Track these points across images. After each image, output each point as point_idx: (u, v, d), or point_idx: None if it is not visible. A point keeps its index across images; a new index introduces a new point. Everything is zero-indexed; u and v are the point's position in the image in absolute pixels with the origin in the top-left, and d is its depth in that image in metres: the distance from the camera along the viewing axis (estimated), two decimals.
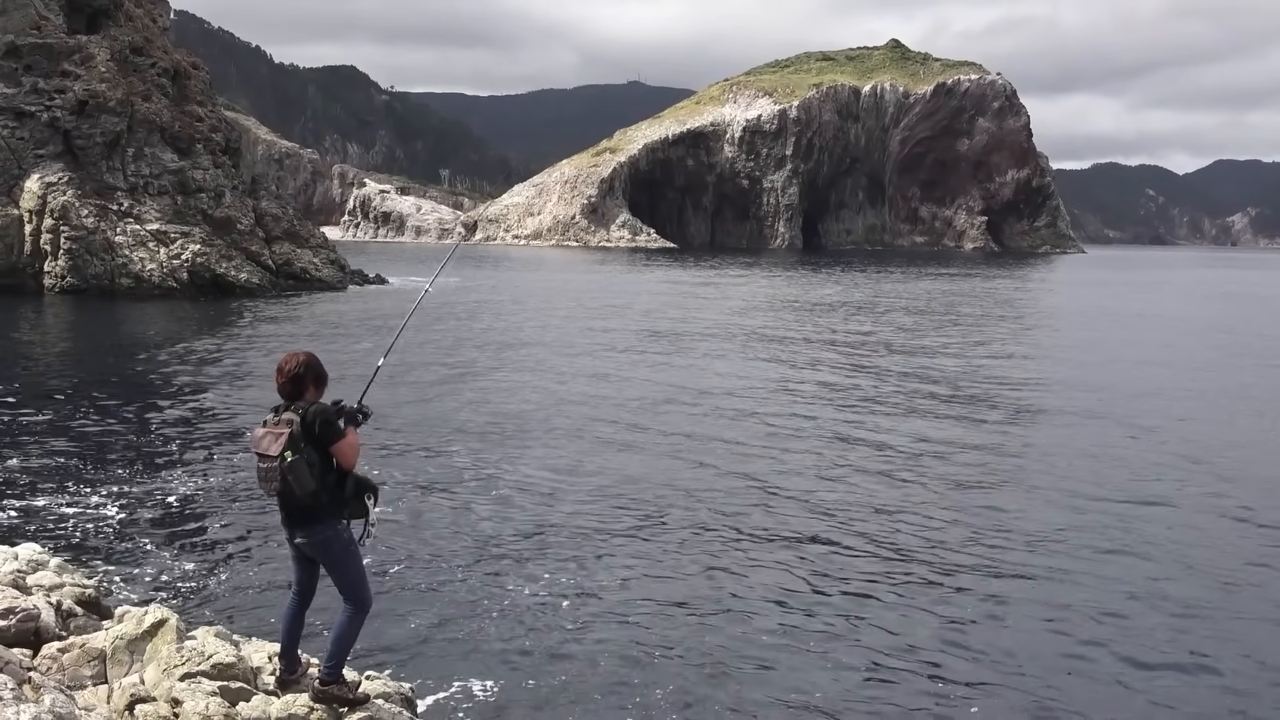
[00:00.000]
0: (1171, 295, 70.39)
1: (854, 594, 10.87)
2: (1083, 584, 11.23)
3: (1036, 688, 8.78)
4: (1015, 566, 11.78)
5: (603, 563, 11.66)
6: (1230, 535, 13.19)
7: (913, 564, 11.80)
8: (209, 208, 51.82)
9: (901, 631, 9.89)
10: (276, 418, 6.30)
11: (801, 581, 11.22)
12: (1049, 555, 12.18)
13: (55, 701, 5.53)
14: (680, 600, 10.58)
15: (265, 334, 34.00)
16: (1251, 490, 15.44)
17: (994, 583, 11.24)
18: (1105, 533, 13.09)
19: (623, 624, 9.93)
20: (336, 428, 6.28)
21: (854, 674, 9.01)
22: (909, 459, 17.05)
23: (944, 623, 10.11)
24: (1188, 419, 21.39)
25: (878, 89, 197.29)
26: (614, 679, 8.78)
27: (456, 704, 8.27)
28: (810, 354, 31.20)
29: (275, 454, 6.14)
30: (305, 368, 6.41)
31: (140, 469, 15.42)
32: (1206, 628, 10.15)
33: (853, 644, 9.61)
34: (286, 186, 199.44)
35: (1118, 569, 11.73)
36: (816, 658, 9.31)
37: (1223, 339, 39.11)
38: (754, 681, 8.81)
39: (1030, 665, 9.22)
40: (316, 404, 6.35)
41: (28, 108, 48.28)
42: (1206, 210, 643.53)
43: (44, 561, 7.98)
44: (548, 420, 19.96)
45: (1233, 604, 10.79)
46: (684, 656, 9.24)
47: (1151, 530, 13.27)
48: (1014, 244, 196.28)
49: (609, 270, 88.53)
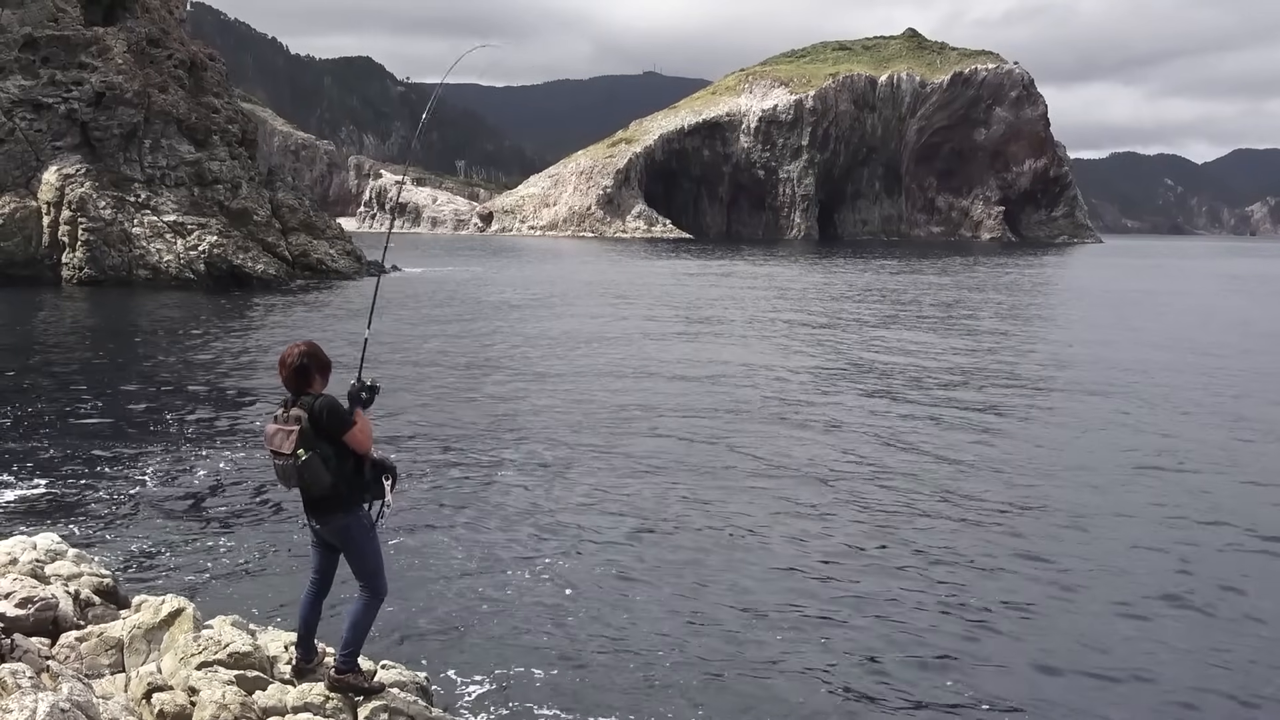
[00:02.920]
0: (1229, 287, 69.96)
1: (882, 588, 10.83)
2: (1126, 574, 11.17)
3: (1045, 683, 8.74)
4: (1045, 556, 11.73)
5: (624, 555, 11.63)
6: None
7: (931, 553, 11.77)
8: (225, 199, 51.99)
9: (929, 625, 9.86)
10: (286, 414, 6.26)
11: (828, 578, 11.18)
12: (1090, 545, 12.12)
13: (73, 690, 5.55)
14: (700, 593, 10.53)
15: (281, 324, 34.11)
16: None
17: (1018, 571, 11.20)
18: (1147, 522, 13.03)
19: (641, 617, 9.90)
20: (345, 418, 6.24)
21: (867, 668, 8.98)
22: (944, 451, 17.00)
23: (965, 615, 10.07)
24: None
25: (894, 79, 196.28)
26: (632, 669, 8.76)
27: (472, 693, 8.27)
28: (844, 344, 31.10)
29: (289, 452, 6.12)
30: (308, 358, 6.36)
31: (157, 459, 15.49)
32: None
33: (876, 638, 9.58)
34: (303, 178, 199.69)
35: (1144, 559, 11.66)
36: (842, 654, 9.28)
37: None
38: (768, 670, 8.78)
39: (1042, 657, 9.18)
40: (322, 396, 6.29)
41: (45, 100, 48.52)
42: (1225, 199, 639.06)
43: (62, 551, 8.00)
44: (570, 412, 19.93)
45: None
46: (701, 648, 9.20)
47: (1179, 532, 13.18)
48: (1031, 234, 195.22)
49: (630, 261, 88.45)
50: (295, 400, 6.31)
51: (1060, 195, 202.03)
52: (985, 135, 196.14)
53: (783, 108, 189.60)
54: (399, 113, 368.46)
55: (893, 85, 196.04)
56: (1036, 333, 36.29)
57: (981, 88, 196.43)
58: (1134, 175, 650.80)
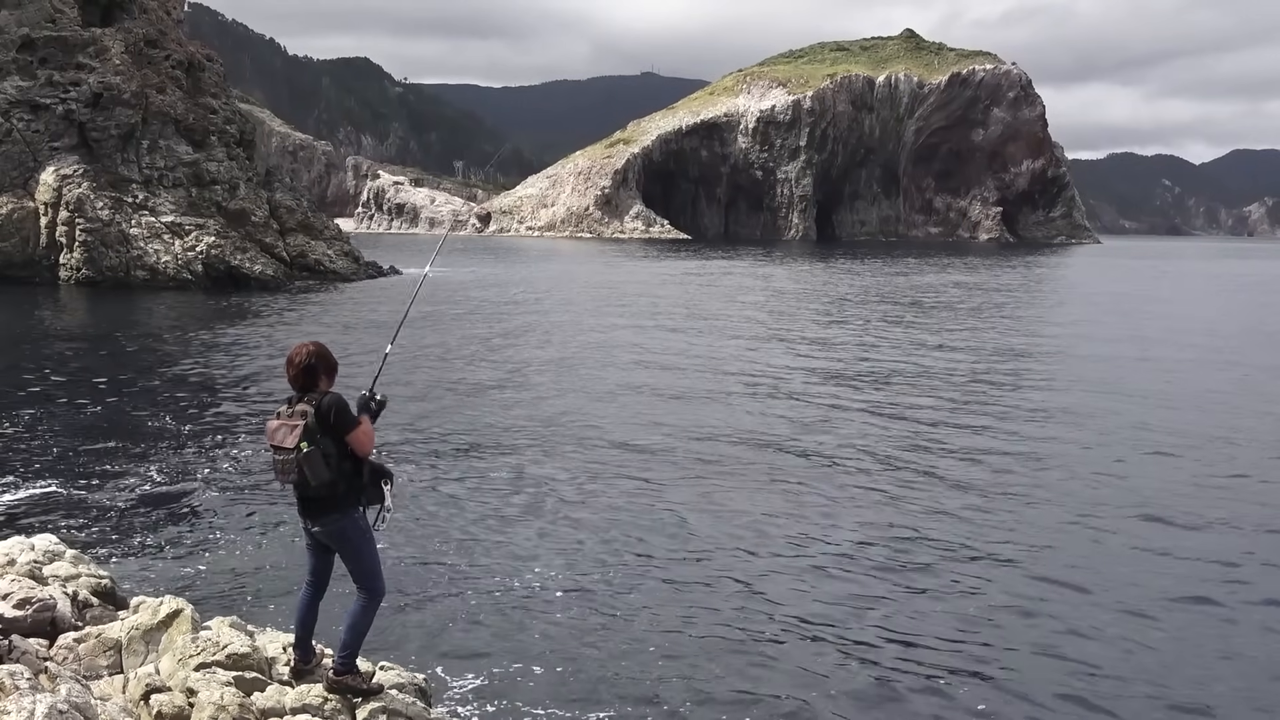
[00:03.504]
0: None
1: (890, 587, 10.84)
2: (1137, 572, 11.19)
3: (1055, 680, 8.75)
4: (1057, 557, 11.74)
5: (622, 557, 11.63)
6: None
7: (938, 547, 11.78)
8: (223, 200, 51.97)
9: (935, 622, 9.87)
10: (290, 409, 6.30)
11: (829, 577, 11.18)
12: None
13: (71, 691, 5.55)
14: (699, 598, 10.52)
15: (279, 325, 34.09)
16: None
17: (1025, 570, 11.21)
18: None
19: (641, 618, 9.91)
20: (351, 416, 6.28)
21: (869, 670, 8.99)
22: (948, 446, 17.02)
23: (969, 610, 10.08)
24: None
25: (892, 79, 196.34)
26: (630, 671, 8.76)
27: (471, 694, 8.27)
28: (844, 344, 31.13)
29: (291, 446, 6.14)
30: (316, 358, 6.40)
31: (156, 460, 15.48)
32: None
33: (883, 634, 9.59)
34: (301, 178, 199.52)
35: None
36: (853, 657, 9.29)
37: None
38: (769, 675, 8.78)
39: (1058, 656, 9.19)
40: (330, 394, 6.34)
41: (43, 100, 48.51)
42: (1223, 200, 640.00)
43: (60, 552, 7.99)
44: (568, 414, 19.94)
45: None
46: (700, 653, 9.19)
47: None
48: (1029, 234, 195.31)
49: (626, 262, 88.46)
50: (301, 398, 6.33)
51: (1058, 196, 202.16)
52: (983, 136, 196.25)
53: (780, 108, 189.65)
54: (397, 113, 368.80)
55: (890, 86, 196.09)
56: (1036, 332, 36.35)
57: (979, 88, 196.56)
58: (1132, 176, 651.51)
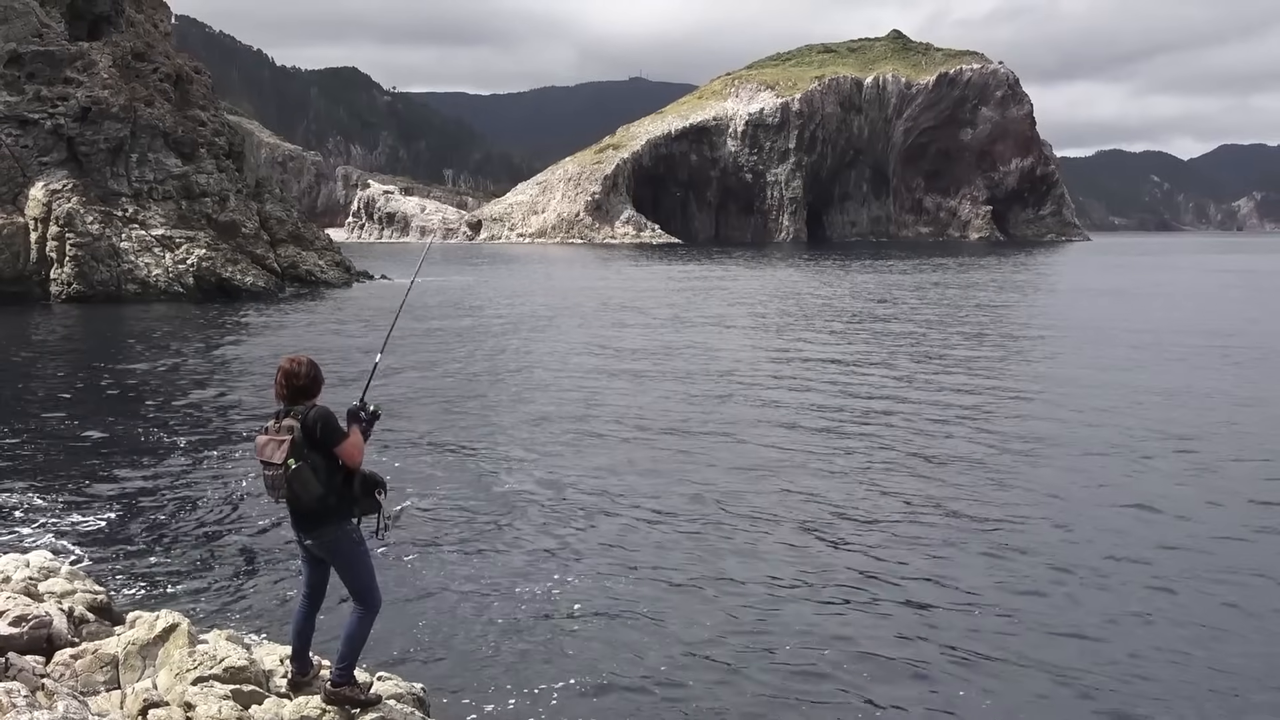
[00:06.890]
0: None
1: (893, 589, 10.86)
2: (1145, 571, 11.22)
3: (1054, 677, 8.78)
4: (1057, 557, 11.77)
5: (621, 566, 11.59)
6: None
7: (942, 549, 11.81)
8: (214, 212, 51.92)
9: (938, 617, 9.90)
10: (277, 424, 6.29)
11: (830, 581, 11.20)
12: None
13: (69, 708, 5.55)
14: (701, 607, 10.45)
15: (271, 337, 34.04)
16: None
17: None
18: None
19: (640, 628, 9.88)
20: (339, 429, 6.27)
21: (874, 673, 9.00)
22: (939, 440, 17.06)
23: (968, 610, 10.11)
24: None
25: (880, 80, 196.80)
26: (630, 680, 8.75)
27: (469, 704, 8.25)
28: (851, 347, 31.17)
29: (279, 462, 6.14)
30: (302, 374, 6.41)
31: (149, 474, 15.46)
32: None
33: (889, 633, 9.61)
34: (290, 189, 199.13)
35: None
36: (866, 663, 9.30)
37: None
38: (772, 680, 8.79)
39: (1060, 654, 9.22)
40: (316, 407, 6.32)
41: (31, 115, 48.38)
42: (1211, 195, 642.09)
43: (55, 568, 7.99)
44: (567, 421, 19.92)
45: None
46: (700, 661, 9.16)
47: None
48: (1019, 233, 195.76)
49: (619, 267, 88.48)
50: (287, 412, 6.32)
51: (1047, 194, 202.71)
52: (972, 135, 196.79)
53: (769, 111, 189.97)
54: (386, 122, 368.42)
55: (878, 87, 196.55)
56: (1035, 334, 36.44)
57: (967, 88, 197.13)
58: (1120, 173, 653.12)
